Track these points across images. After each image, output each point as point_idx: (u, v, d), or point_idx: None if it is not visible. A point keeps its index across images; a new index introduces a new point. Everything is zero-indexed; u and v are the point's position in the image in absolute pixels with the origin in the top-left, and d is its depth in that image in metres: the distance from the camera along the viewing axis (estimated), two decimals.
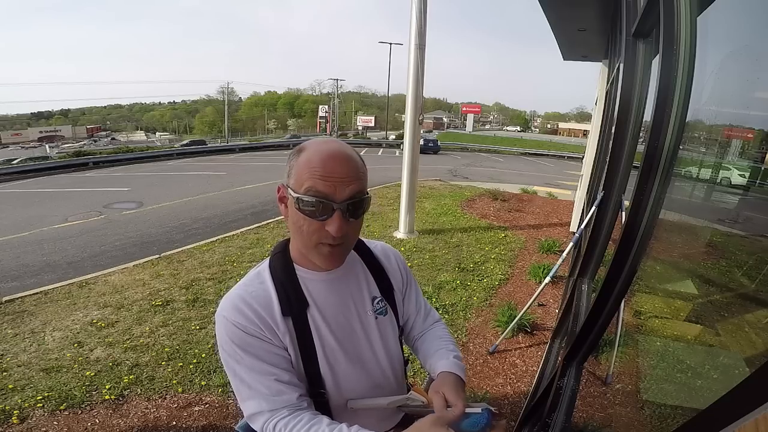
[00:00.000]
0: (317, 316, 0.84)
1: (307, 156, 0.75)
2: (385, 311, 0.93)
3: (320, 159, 0.73)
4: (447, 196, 9.00)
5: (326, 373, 0.85)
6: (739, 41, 1.16)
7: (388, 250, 1.01)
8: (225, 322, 0.79)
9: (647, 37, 1.76)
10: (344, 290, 0.89)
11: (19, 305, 3.82)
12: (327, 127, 49.17)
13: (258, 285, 0.84)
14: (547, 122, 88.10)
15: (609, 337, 2.40)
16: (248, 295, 0.81)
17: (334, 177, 0.73)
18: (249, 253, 5.18)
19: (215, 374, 2.74)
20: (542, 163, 23.64)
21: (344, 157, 0.75)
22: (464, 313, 3.65)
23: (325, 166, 0.73)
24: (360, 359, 0.89)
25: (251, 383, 0.78)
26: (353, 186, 0.75)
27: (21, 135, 51.45)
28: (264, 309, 0.80)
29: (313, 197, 0.73)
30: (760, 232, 1.47)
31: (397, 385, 0.97)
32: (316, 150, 0.75)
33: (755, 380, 0.49)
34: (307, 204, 0.73)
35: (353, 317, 0.89)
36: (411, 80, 5.55)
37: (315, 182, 0.72)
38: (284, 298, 0.82)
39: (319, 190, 0.73)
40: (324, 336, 0.85)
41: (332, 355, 0.85)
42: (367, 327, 0.90)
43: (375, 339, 0.91)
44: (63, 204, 9.27)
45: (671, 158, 1.11)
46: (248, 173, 13.94)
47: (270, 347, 0.80)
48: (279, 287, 0.83)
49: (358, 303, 0.90)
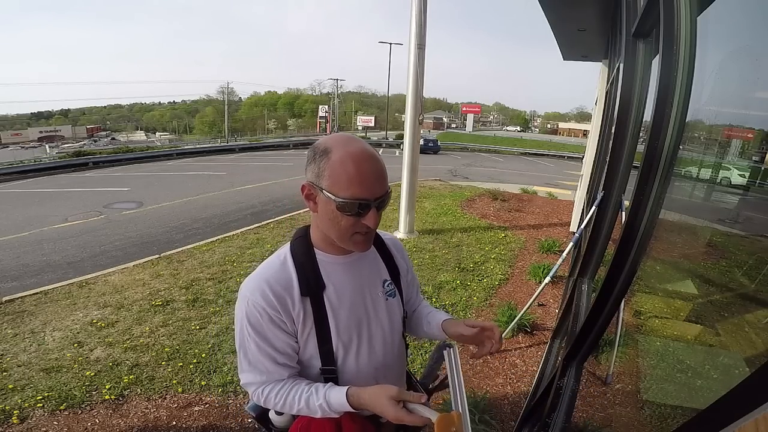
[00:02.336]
0: (333, 297, 0.92)
1: (339, 160, 0.81)
2: (393, 293, 1.02)
3: (355, 164, 0.80)
4: (447, 196, 9.00)
5: (338, 350, 0.93)
6: (739, 41, 1.16)
7: (394, 240, 1.13)
8: (246, 302, 0.88)
9: (647, 37, 1.76)
10: (358, 273, 0.97)
11: (19, 305, 3.82)
12: (327, 127, 49.16)
13: (280, 267, 0.91)
14: (547, 122, 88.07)
15: (609, 337, 2.41)
16: (271, 277, 0.89)
17: (370, 180, 0.82)
18: (249, 253, 5.18)
19: (215, 374, 2.74)
20: (542, 163, 23.64)
21: (373, 159, 0.83)
22: (464, 313, 3.65)
23: (360, 171, 0.81)
24: (370, 338, 0.97)
25: (252, 359, 0.90)
26: (382, 183, 0.85)
27: (21, 135, 51.42)
28: (285, 290, 0.88)
29: (356, 201, 0.81)
30: (760, 232, 1.47)
31: (401, 364, 1.07)
32: (347, 154, 0.81)
33: (755, 380, 0.49)
34: (351, 207, 0.82)
35: (366, 298, 0.97)
36: (411, 80, 5.55)
37: (355, 189, 0.80)
38: (303, 279, 0.90)
39: (359, 195, 0.81)
40: (338, 315, 0.92)
41: (345, 333, 0.93)
42: (378, 307, 0.98)
43: (384, 319, 0.99)
44: (63, 204, 9.27)
45: (671, 158, 1.11)
46: (248, 173, 13.94)
47: (278, 332, 0.88)
48: (299, 269, 0.91)
49: (370, 285, 0.98)
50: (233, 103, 65.78)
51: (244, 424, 2.33)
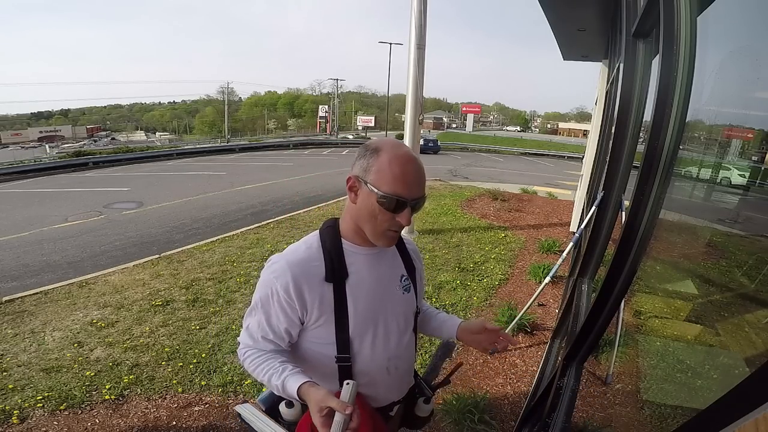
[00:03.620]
0: (355, 286, 0.97)
1: (387, 159, 0.89)
2: (409, 288, 1.08)
3: (400, 165, 0.88)
4: (447, 196, 9.00)
5: (355, 338, 0.97)
6: (739, 41, 1.16)
7: (412, 243, 1.18)
8: (266, 281, 0.95)
9: (647, 37, 1.76)
10: (380, 266, 1.02)
11: (19, 305, 3.82)
12: (327, 127, 49.13)
13: (305, 252, 0.97)
14: (547, 122, 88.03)
15: (609, 337, 2.41)
16: (294, 261, 0.94)
17: (411, 181, 0.89)
18: (249, 253, 5.18)
19: (215, 374, 2.74)
20: (542, 163, 23.64)
21: (417, 164, 0.91)
22: (464, 313, 3.65)
23: (405, 172, 0.88)
24: (386, 330, 1.01)
25: (251, 327, 0.99)
26: (421, 187, 0.92)
27: (21, 135, 51.40)
28: (304, 275, 0.93)
29: (396, 197, 0.88)
30: (760, 232, 1.47)
31: (411, 356, 1.11)
32: (395, 156, 0.89)
33: (755, 380, 0.49)
34: (390, 201, 0.88)
35: (385, 290, 1.02)
36: (411, 80, 5.55)
37: (397, 186, 0.88)
38: (329, 266, 0.95)
39: (400, 192, 0.88)
40: (358, 304, 0.97)
41: (363, 322, 0.97)
42: (394, 300, 1.03)
43: (399, 312, 1.04)
44: (63, 204, 9.27)
45: (671, 158, 1.11)
46: (248, 173, 13.94)
47: (281, 316, 0.94)
48: (326, 256, 0.96)
49: (390, 278, 1.04)
50: (233, 103, 65.74)
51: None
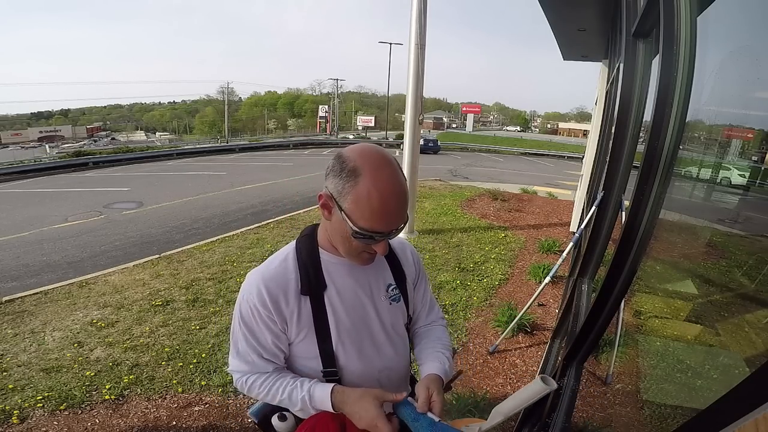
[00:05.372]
0: (335, 298, 0.91)
1: (366, 189, 0.77)
2: (398, 298, 1.00)
3: (380, 198, 0.77)
4: (447, 196, 9.00)
5: (339, 351, 0.92)
6: (739, 41, 1.16)
7: (404, 244, 1.10)
8: (242, 296, 0.91)
9: (647, 37, 1.76)
10: (362, 275, 0.95)
11: (19, 305, 3.82)
12: (327, 127, 49.14)
13: (279, 265, 0.92)
14: (547, 122, 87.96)
15: (609, 337, 2.40)
16: (268, 275, 0.90)
17: (392, 216, 0.80)
18: (249, 253, 5.18)
19: (215, 374, 2.74)
20: (542, 163, 23.64)
21: (401, 193, 0.79)
22: (464, 312, 3.65)
23: (384, 205, 0.78)
24: (373, 341, 0.96)
25: (240, 349, 0.92)
26: (402, 215, 0.82)
27: (21, 135, 51.40)
28: (280, 288, 0.88)
29: (372, 233, 0.80)
30: (760, 232, 1.47)
31: (404, 367, 1.04)
32: (374, 185, 0.77)
33: (755, 380, 0.49)
34: (367, 237, 0.80)
35: (368, 301, 0.96)
36: (411, 80, 5.55)
37: (375, 222, 0.78)
38: (305, 278, 0.90)
39: (377, 228, 0.79)
40: (339, 316, 0.91)
41: (346, 334, 0.92)
42: (380, 311, 0.97)
43: (387, 323, 0.98)
44: (63, 204, 9.26)
45: (671, 158, 1.11)
46: (248, 173, 13.94)
47: (266, 331, 0.90)
48: (302, 268, 0.91)
49: (374, 288, 0.97)
50: (233, 103, 65.68)
51: (244, 424, 2.33)
